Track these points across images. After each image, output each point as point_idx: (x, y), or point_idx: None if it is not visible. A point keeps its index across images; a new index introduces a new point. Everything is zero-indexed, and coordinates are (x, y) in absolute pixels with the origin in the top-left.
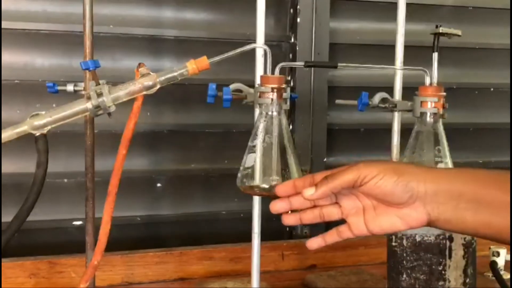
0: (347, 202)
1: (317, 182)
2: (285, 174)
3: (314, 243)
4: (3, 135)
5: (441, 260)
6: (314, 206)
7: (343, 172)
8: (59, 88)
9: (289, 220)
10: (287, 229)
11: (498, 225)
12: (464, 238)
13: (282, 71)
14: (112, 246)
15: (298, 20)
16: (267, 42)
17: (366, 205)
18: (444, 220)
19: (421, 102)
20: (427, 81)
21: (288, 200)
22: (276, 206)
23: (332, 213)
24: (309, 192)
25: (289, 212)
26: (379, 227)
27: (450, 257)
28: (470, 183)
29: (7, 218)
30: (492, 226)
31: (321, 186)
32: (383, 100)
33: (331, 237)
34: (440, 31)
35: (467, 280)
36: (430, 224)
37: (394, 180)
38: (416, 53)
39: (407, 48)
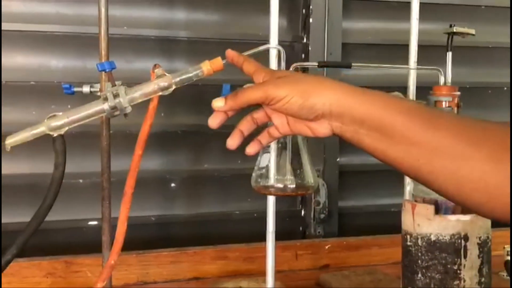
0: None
1: (227, 96)
2: (299, 174)
3: (252, 148)
4: (21, 136)
5: (456, 259)
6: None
7: (252, 90)
8: (75, 89)
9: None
10: (301, 229)
11: (392, 156)
12: (480, 238)
13: (295, 71)
14: (127, 245)
15: (311, 20)
16: (279, 42)
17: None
18: (346, 137)
19: (436, 101)
20: (441, 80)
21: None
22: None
23: (261, 117)
24: (218, 103)
25: None
26: (298, 131)
27: (465, 256)
28: (377, 111)
29: (22, 218)
30: (387, 155)
31: (229, 101)
32: None
33: (264, 138)
34: (454, 30)
35: (482, 280)
36: (335, 136)
37: (299, 103)
38: (429, 53)
39: (419, 47)
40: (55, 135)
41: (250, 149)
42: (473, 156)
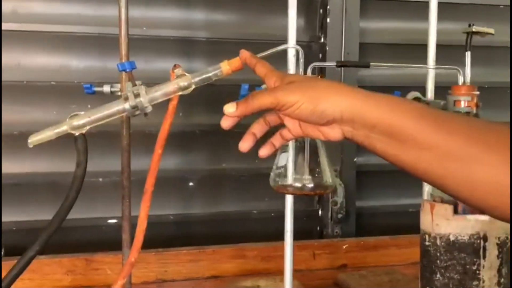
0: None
1: (238, 102)
2: (317, 174)
3: (265, 151)
4: (44, 135)
5: (475, 259)
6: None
7: (263, 96)
8: (96, 89)
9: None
10: (318, 229)
11: (404, 160)
12: (499, 238)
13: (312, 71)
14: (146, 244)
15: (328, 20)
16: (297, 42)
17: None
18: (357, 142)
19: (455, 101)
20: (460, 80)
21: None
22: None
23: (273, 119)
24: (230, 109)
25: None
26: (309, 134)
27: (484, 256)
28: (388, 116)
29: (41, 216)
30: (399, 159)
31: (240, 107)
32: (415, 99)
33: (277, 140)
34: (473, 29)
35: (502, 280)
36: (347, 140)
37: (310, 109)
38: (447, 52)
39: (437, 47)
40: (77, 134)
41: (263, 152)
42: (486, 159)
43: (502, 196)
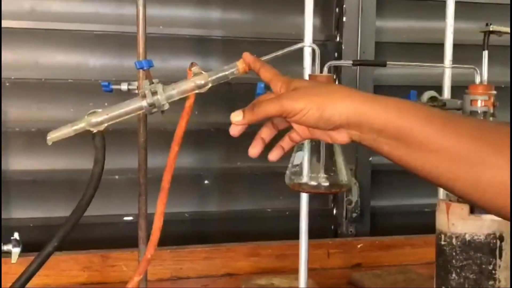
0: None
1: (245, 109)
2: (332, 172)
3: (274, 155)
4: (62, 132)
5: (491, 259)
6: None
7: (269, 104)
8: (113, 87)
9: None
10: (332, 228)
11: (412, 163)
12: None
13: (328, 70)
14: (162, 241)
15: (344, 19)
16: (313, 41)
17: None
18: (364, 145)
19: (471, 100)
20: (477, 79)
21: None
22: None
23: (281, 122)
24: (236, 118)
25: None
26: (317, 137)
27: (500, 256)
28: (394, 120)
29: (58, 213)
30: (406, 162)
31: (247, 115)
32: (432, 99)
33: (286, 143)
34: (491, 29)
35: None
36: (354, 142)
37: (316, 116)
38: (463, 52)
39: (454, 46)
40: (95, 131)
41: (273, 156)
42: (494, 161)
43: (509, 197)
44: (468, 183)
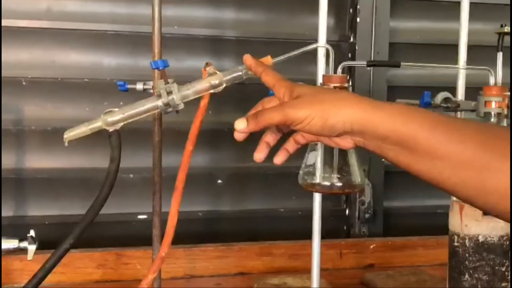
0: None
1: (248, 117)
2: (345, 173)
3: (280, 159)
4: (79, 130)
5: (504, 260)
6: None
7: (272, 113)
8: (129, 86)
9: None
10: (345, 228)
11: (417, 169)
12: None
13: (342, 70)
14: (175, 240)
15: (358, 19)
16: (326, 42)
17: None
18: (369, 150)
19: (485, 101)
20: (492, 80)
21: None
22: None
23: (286, 126)
24: (240, 125)
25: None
26: (322, 141)
27: None
28: (398, 127)
29: (72, 210)
30: (411, 168)
31: (251, 124)
32: (446, 100)
33: (291, 146)
34: (506, 30)
35: None
36: (359, 148)
37: (320, 125)
38: (477, 53)
39: (468, 47)
40: (111, 130)
41: (278, 159)
42: (498, 166)
43: None
44: (473, 189)
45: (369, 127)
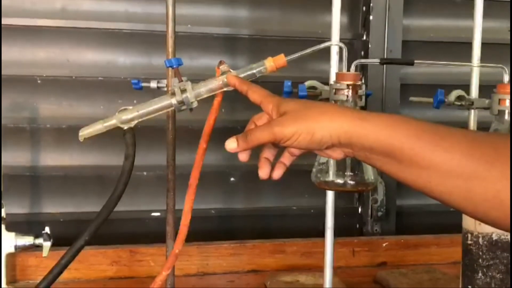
0: None
1: (238, 137)
2: (358, 170)
3: (277, 173)
4: (94, 128)
5: None
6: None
7: (260, 132)
8: (143, 84)
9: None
10: (357, 226)
11: (405, 178)
12: None
13: (355, 68)
14: (188, 237)
15: (371, 17)
16: (340, 40)
17: None
18: (359, 159)
19: (499, 99)
20: (506, 78)
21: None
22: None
23: None
24: (231, 145)
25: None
26: (314, 152)
27: None
28: (384, 138)
29: (87, 208)
30: (399, 177)
31: (241, 143)
32: (459, 98)
33: (286, 159)
34: None
35: None
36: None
37: (307, 140)
38: (491, 50)
39: (482, 45)
40: (125, 128)
41: (277, 174)
42: (485, 175)
43: (502, 211)
44: (461, 197)
45: (355, 139)
